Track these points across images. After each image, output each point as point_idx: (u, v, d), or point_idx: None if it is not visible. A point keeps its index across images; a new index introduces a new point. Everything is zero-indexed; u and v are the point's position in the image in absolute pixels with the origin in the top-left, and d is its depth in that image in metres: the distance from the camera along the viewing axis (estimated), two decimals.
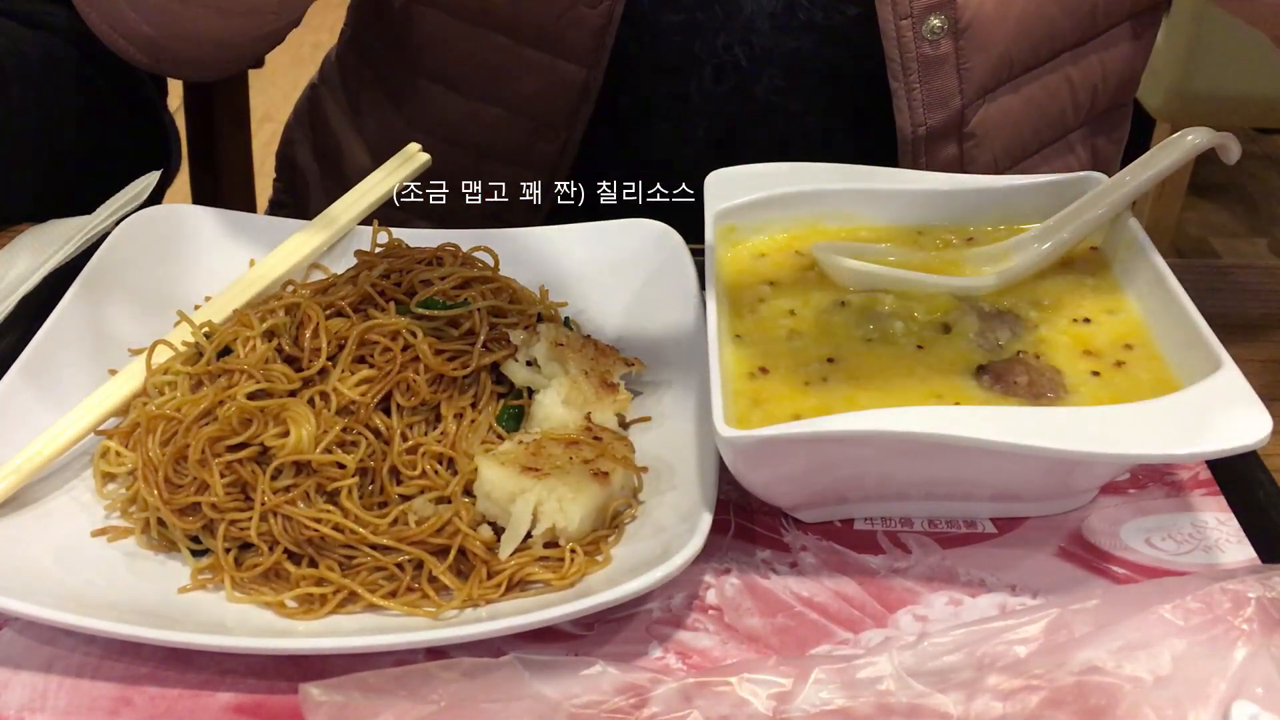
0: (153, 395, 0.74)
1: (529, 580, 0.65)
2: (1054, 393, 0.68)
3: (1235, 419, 0.60)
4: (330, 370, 0.72)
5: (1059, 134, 1.08)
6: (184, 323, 0.78)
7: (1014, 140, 1.04)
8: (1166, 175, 0.76)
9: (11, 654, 0.62)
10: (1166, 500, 0.72)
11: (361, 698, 0.56)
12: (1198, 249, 2.79)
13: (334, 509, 0.66)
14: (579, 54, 0.98)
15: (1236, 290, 0.92)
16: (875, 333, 0.73)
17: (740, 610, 0.65)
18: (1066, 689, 0.56)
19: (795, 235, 0.82)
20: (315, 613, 0.64)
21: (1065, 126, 1.08)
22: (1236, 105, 2.43)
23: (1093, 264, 0.78)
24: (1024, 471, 0.67)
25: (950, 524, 0.70)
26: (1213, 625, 0.57)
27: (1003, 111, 1.01)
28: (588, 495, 0.66)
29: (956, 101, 0.98)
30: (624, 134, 1.05)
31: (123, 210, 0.93)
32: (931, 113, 0.97)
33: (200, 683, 0.61)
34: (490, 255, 0.82)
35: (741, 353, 0.71)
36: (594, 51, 0.97)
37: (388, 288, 0.77)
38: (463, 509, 0.67)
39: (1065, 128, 1.08)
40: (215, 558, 0.66)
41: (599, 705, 0.56)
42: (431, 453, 0.69)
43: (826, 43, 0.99)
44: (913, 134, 0.98)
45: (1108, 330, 0.73)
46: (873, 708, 0.56)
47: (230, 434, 0.68)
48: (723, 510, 0.69)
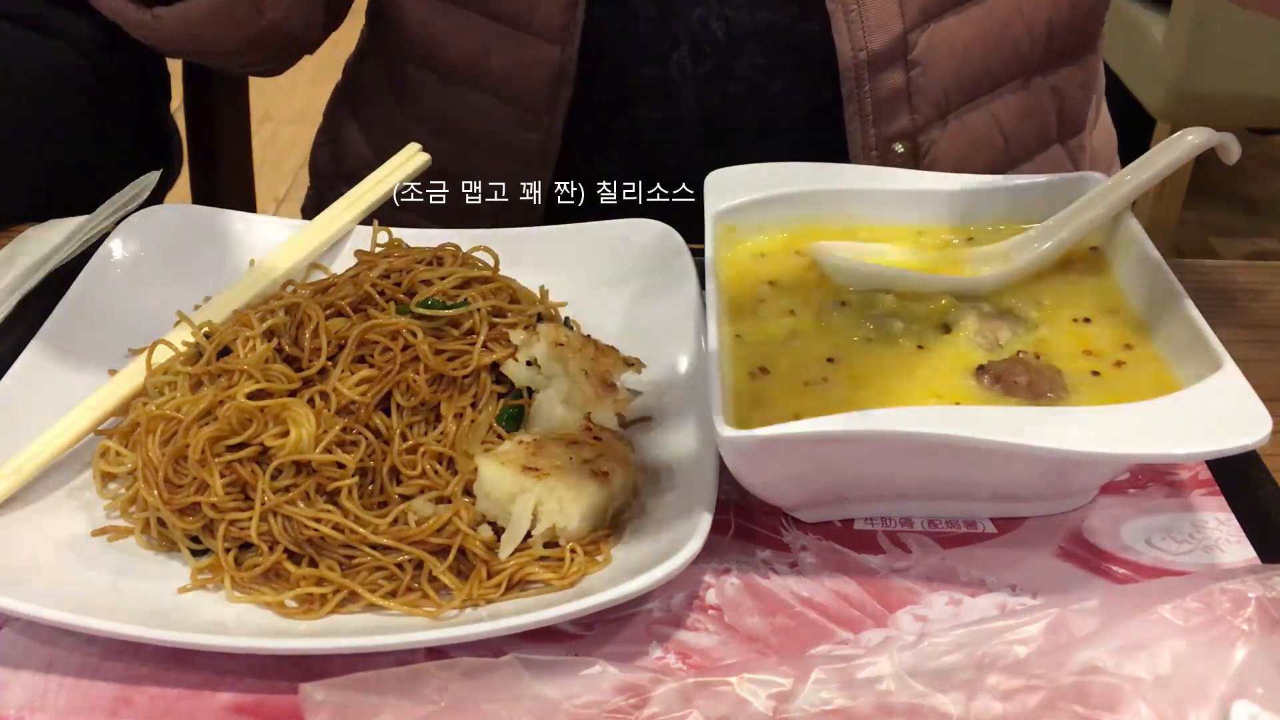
0: (152, 395, 0.74)
1: (529, 580, 0.65)
2: (1054, 393, 0.68)
3: (1235, 419, 0.60)
4: (330, 370, 0.72)
5: (1015, 69, 1.04)
6: (183, 323, 0.79)
7: (964, 70, 1.01)
8: (1166, 175, 0.76)
9: (11, 654, 0.62)
10: (1166, 500, 0.72)
11: (361, 698, 0.56)
12: (1198, 249, 2.79)
13: (334, 509, 0.66)
14: (550, 30, 0.98)
15: (1236, 290, 0.92)
16: (875, 333, 0.73)
17: (740, 610, 0.65)
18: (1066, 689, 0.56)
19: (795, 235, 0.82)
20: (315, 613, 0.64)
21: (1021, 59, 1.04)
22: (1236, 105, 2.43)
23: (1093, 264, 0.78)
24: (1024, 471, 0.67)
25: (950, 524, 0.70)
26: (1213, 625, 0.57)
27: (949, 36, 0.98)
28: (588, 495, 0.66)
29: (898, 25, 0.96)
30: (608, 122, 1.05)
31: (123, 210, 0.93)
32: (872, 36, 0.95)
33: (200, 683, 0.61)
34: (490, 255, 0.82)
35: (741, 353, 0.71)
36: (565, 27, 0.97)
37: (388, 288, 0.77)
38: (463, 509, 0.67)
39: (1021, 61, 1.04)
40: (215, 558, 0.66)
41: (599, 705, 0.56)
42: (431, 453, 0.69)
43: (804, 16, 0.98)
44: (854, 59, 0.96)
45: (1108, 330, 0.73)
46: (873, 708, 0.56)
47: (230, 434, 0.68)
48: (723, 510, 0.69)
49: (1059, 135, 1.10)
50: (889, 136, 0.99)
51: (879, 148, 1.00)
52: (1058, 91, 1.08)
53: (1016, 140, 1.06)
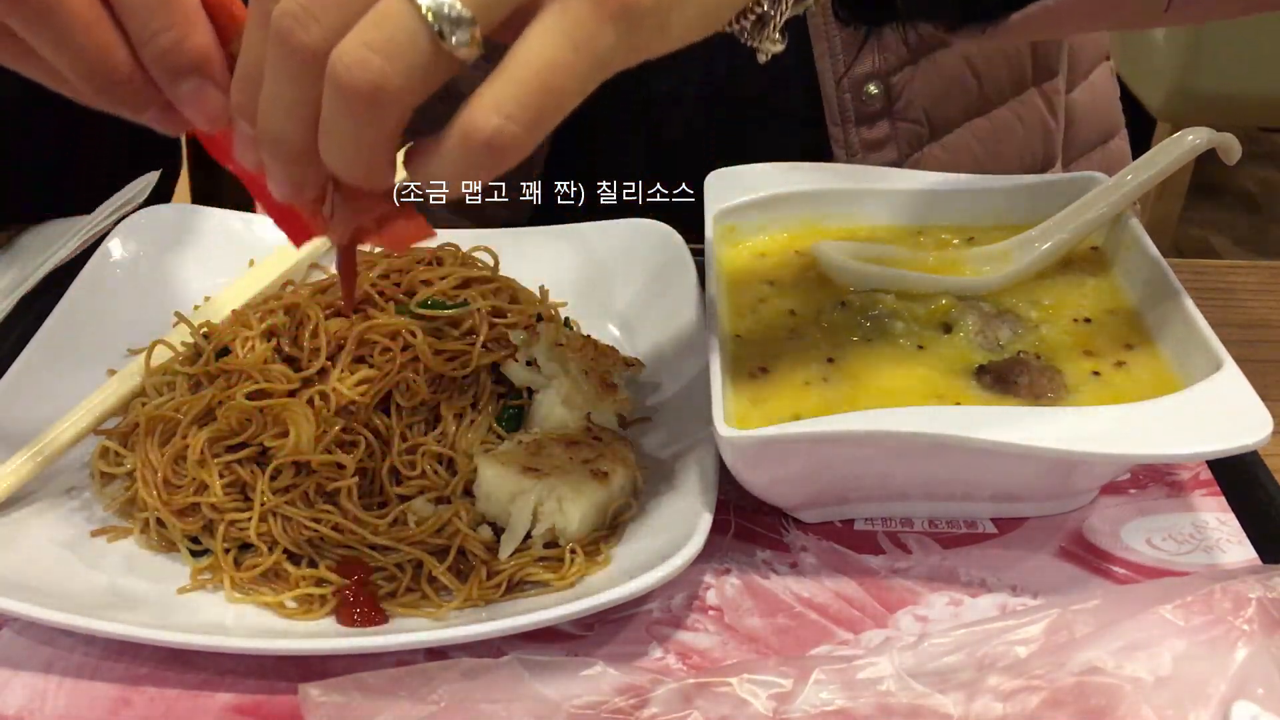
0: (152, 396, 0.74)
1: (529, 581, 0.65)
2: (1054, 393, 0.68)
3: (1235, 419, 0.60)
4: (330, 370, 0.72)
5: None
6: (182, 323, 0.78)
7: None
8: (1166, 175, 0.76)
9: (11, 654, 0.62)
10: (1167, 500, 0.72)
11: (361, 698, 0.56)
12: (1198, 249, 2.79)
13: (333, 509, 0.66)
14: None
15: (1236, 290, 0.92)
16: (875, 333, 0.73)
17: (740, 610, 0.65)
18: (1067, 689, 0.56)
19: (795, 235, 0.82)
20: (315, 613, 0.64)
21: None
22: (1237, 105, 2.43)
23: (1093, 264, 0.78)
24: (1024, 471, 0.67)
25: (951, 524, 0.70)
26: (1213, 625, 0.57)
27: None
28: (588, 495, 0.66)
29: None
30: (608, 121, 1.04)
31: (123, 210, 0.93)
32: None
33: (200, 683, 0.61)
34: (490, 255, 0.82)
35: (741, 353, 0.71)
36: None
37: (387, 288, 0.77)
38: (462, 509, 0.67)
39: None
40: (215, 558, 0.66)
41: (599, 706, 0.56)
42: (431, 453, 0.69)
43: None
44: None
45: (1108, 330, 0.72)
46: (873, 708, 0.56)
47: (229, 434, 0.68)
48: (723, 510, 0.69)
49: (1034, 78, 1.10)
50: (860, 77, 0.99)
51: (852, 90, 0.99)
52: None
53: (990, 81, 1.05)
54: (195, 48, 0.53)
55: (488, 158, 0.47)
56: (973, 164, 1.05)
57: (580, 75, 0.47)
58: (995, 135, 1.07)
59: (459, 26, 0.45)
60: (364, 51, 0.45)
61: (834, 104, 0.99)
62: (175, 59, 0.53)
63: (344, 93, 0.46)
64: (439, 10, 0.45)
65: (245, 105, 0.51)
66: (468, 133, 0.46)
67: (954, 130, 1.05)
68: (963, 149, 1.05)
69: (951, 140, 1.04)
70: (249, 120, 0.51)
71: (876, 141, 1.01)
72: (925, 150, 1.03)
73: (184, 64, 0.53)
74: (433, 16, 0.45)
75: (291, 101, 0.48)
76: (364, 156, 0.48)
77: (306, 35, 0.46)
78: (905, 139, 1.02)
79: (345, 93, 0.46)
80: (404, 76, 0.46)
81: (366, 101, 0.46)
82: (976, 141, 1.06)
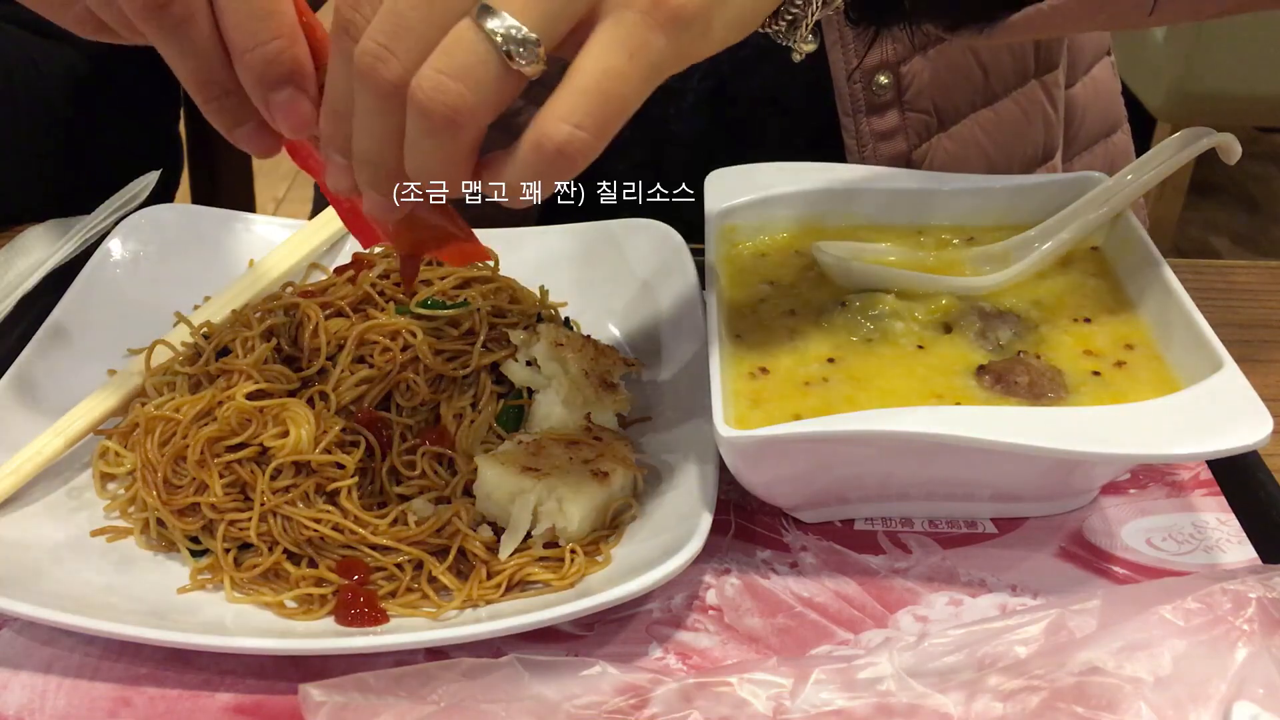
0: (151, 396, 0.74)
1: (529, 581, 0.65)
2: (1055, 393, 0.68)
3: (1235, 419, 0.60)
4: (330, 370, 0.72)
5: None
6: (182, 323, 0.78)
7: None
8: (1166, 175, 0.76)
9: (11, 654, 0.62)
10: (1167, 500, 0.72)
11: (361, 698, 0.56)
12: (1198, 249, 2.79)
13: (333, 509, 0.66)
14: None
15: (1236, 290, 0.92)
16: (875, 333, 0.73)
17: (740, 610, 0.65)
18: (1067, 689, 0.56)
19: (795, 235, 0.82)
20: (315, 613, 0.64)
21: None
22: (1237, 105, 2.43)
23: (1093, 264, 0.78)
24: (1024, 471, 0.67)
25: (950, 524, 0.70)
26: (1213, 626, 0.57)
27: None
28: (588, 495, 0.66)
29: None
30: None
31: (123, 210, 0.93)
32: None
33: (200, 683, 0.61)
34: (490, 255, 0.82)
35: (741, 353, 0.71)
36: None
37: (387, 288, 0.77)
38: (462, 509, 0.67)
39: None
40: (215, 558, 0.66)
41: (599, 706, 0.56)
42: (431, 453, 0.69)
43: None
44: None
45: (1108, 330, 0.72)
46: (873, 708, 0.56)
47: (229, 434, 0.68)
48: (723, 510, 0.69)
49: (1036, 70, 1.10)
50: (871, 67, 0.99)
51: (862, 80, 0.99)
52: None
53: (996, 72, 1.06)
54: (295, 58, 0.56)
55: (562, 163, 0.51)
56: (979, 155, 1.05)
57: (637, 81, 0.51)
58: (1000, 126, 1.07)
59: (525, 47, 0.49)
60: (441, 78, 0.49)
61: (845, 95, 0.99)
62: (277, 68, 0.56)
63: (426, 117, 0.50)
64: (508, 34, 0.49)
65: (335, 136, 0.55)
66: (540, 142, 0.50)
67: (961, 121, 1.05)
68: (970, 140, 1.05)
69: (959, 131, 1.05)
70: (340, 151, 0.55)
71: (887, 132, 1.01)
72: (934, 141, 1.03)
73: (283, 73, 0.56)
74: (502, 40, 0.49)
75: (381, 131, 0.52)
76: (446, 171, 0.53)
77: (388, 71, 0.50)
78: (914, 129, 1.02)
79: (427, 116, 0.50)
80: (478, 96, 0.50)
81: (446, 122, 0.50)
82: (982, 133, 1.06)
